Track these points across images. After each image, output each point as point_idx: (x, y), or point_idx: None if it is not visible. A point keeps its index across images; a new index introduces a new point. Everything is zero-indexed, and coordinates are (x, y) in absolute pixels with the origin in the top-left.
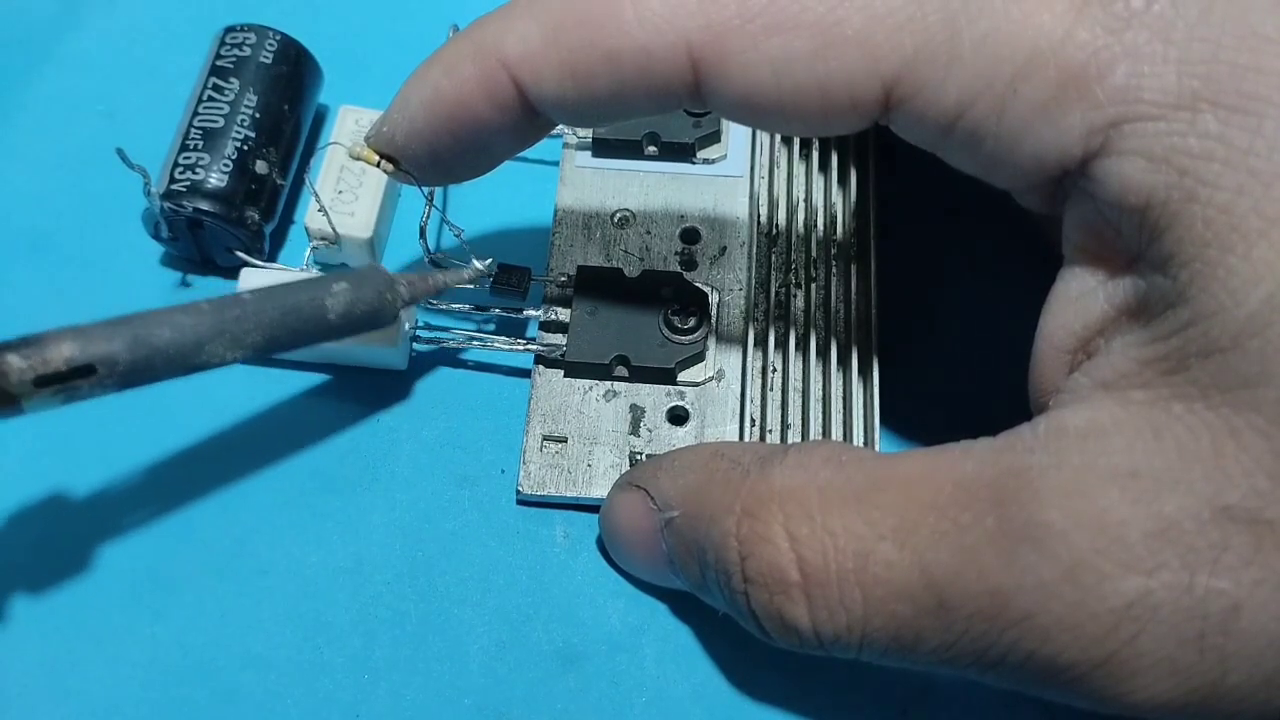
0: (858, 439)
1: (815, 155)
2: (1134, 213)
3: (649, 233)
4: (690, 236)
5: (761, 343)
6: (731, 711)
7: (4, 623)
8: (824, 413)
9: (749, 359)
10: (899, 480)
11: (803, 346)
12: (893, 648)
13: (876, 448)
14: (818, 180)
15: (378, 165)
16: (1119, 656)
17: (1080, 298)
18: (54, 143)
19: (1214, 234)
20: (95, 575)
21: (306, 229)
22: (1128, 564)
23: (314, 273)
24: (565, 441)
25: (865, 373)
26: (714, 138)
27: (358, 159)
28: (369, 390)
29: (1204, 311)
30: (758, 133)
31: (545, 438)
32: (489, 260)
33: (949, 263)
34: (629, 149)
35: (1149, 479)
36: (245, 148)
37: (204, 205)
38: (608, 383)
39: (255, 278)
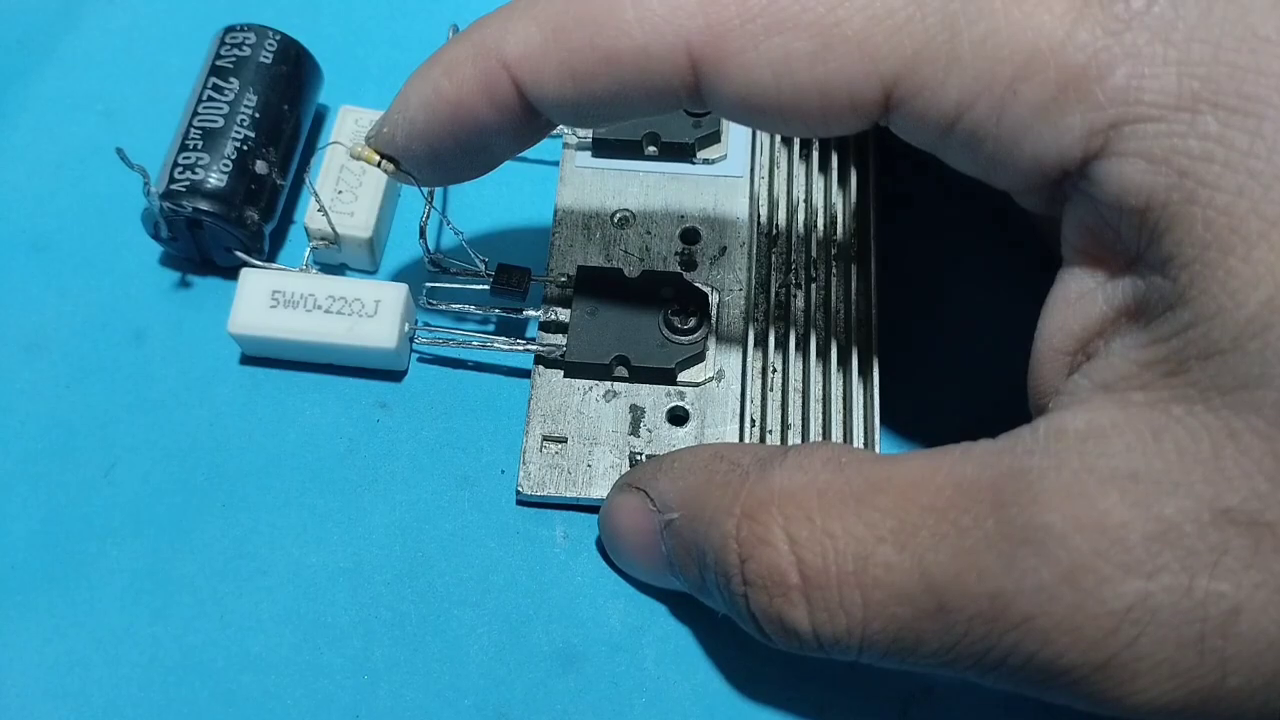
0: (858, 439)
1: (815, 155)
2: (1134, 214)
3: (649, 233)
4: (690, 237)
5: (761, 343)
6: (731, 712)
7: (4, 623)
8: (824, 413)
9: (749, 359)
10: (898, 482)
11: (803, 347)
12: (893, 650)
13: (877, 448)
14: (818, 180)
15: (378, 165)
16: (1119, 659)
17: (1079, 299)
18: (54, 143)
19: (1214, 235)
20: (95, 575)
21: (306, 229)
22: (1128, 567)
23: (314, 273)
24: (565, 442)
25: (865, 373)
26: (714, 138)
27: (358, 159)
28: (369, 390)
29: (1204, 313)
30: (758, 133)
31: (545, 438)
32: None
33: (949, 263)
34: (629, 149)
35: (1149, 482)
36: (245, 148)
37: (203, 205)
38: (608, 383)
39: (255, 278)
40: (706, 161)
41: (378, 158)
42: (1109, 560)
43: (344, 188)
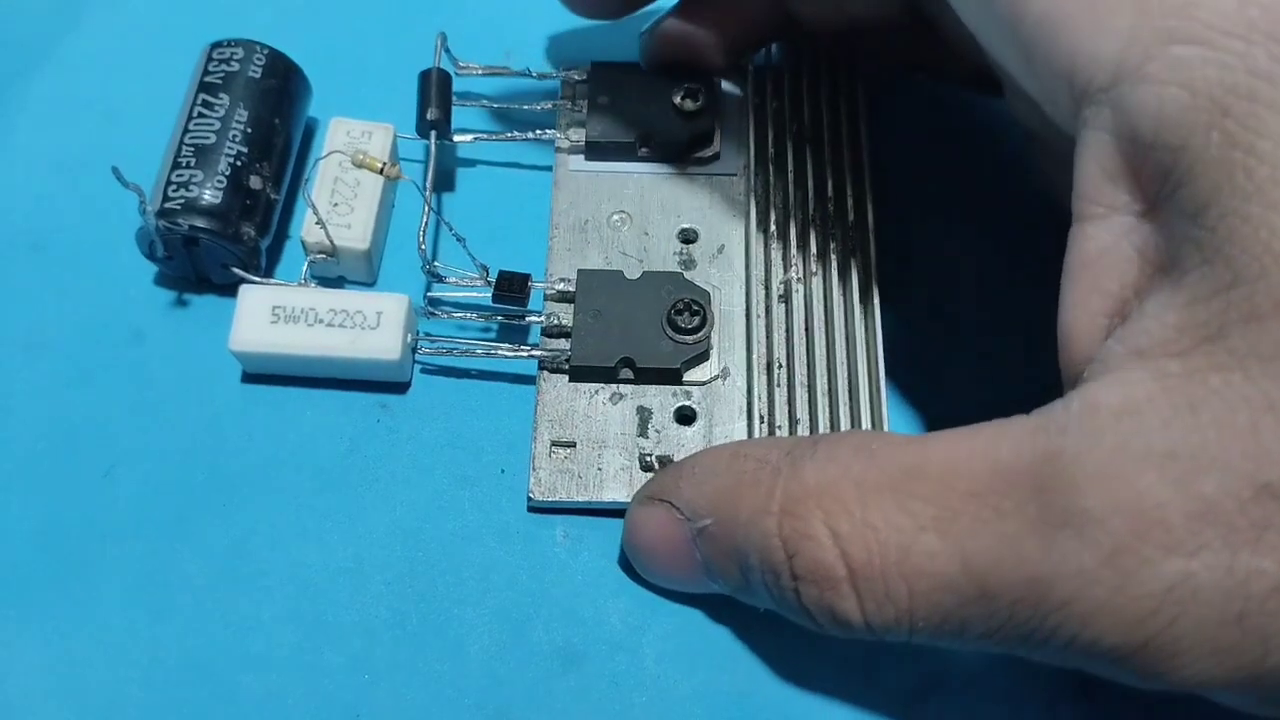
0: (866, 429)
1: (809, 150)
2: (1166, 151)
3: (646, 234)
4: (688, 236)
5: (766, 339)
6: (732, 711)
7: (4, 623)
8: (830, 405)
9: (754, 356)
10: (935, 468)
11: (807, 340)
12: (940, 633)
13: None
14: (813, 174)
15: (380, 172)
16: (1159, 639)
17: (1101, 256)
18: (54, 143)
19: (1256, 187)
20: (95, 575)
21: (303, 243)
22: (1168, 547)
23: (313, 287)
24: (574, 446)
25: (871, 364)
26: (706, 138)
27: (360, 166)
28: (369, 391)
29: (1246, 274)
30: (751, 130)
31: (554, 443)
32: None
33: (951, 249)
34: (621, 151)
35: (1186, 459)
36: (238, 163)
37: (199, 222)
38: (613, 385)
39: (254, 294)
40: (700, 161)
41: (379, 164)
42: (1149, 541)
43: (339, 200)
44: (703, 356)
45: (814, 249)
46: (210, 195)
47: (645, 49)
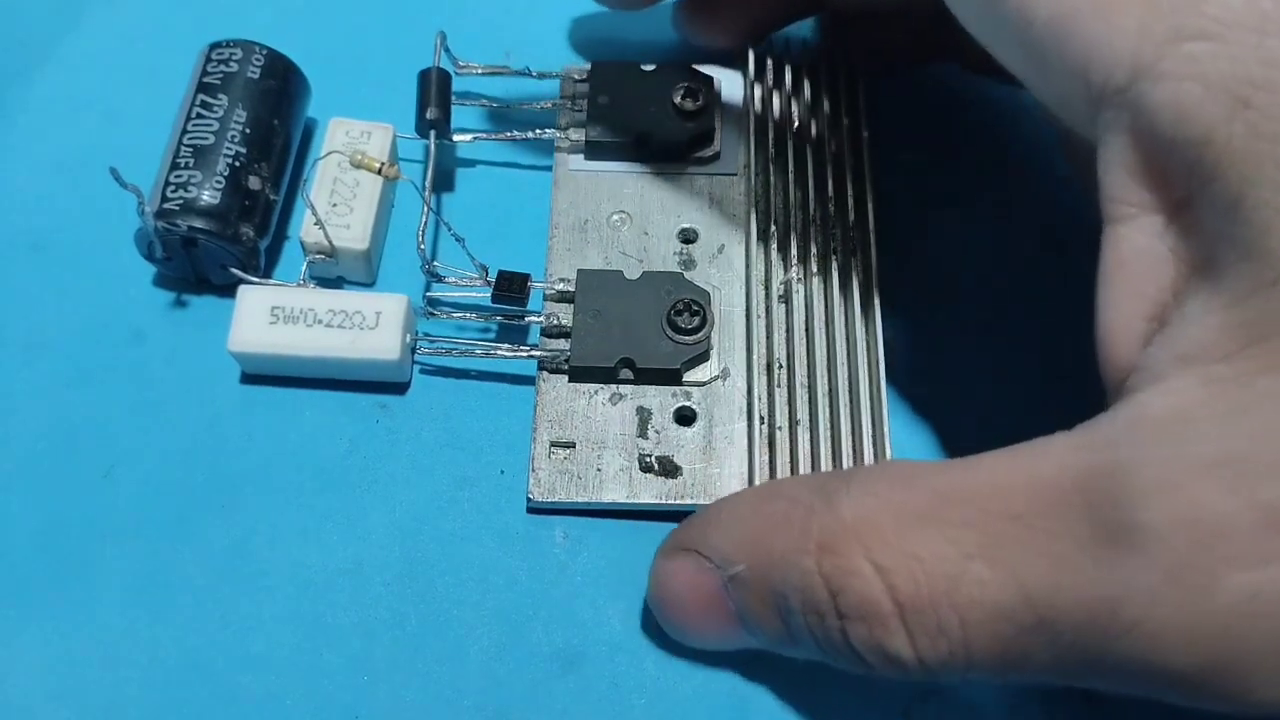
0: (867, 430)
1: (809, 149)
2: (1189, 147)
3: (646, 233)
4: (688, 236)
5: (766, 339)
6: (732, 713)
7: (4, 623)
8: (831, 406)
9: (754, 356)
10: (974, 491)
11: (807, 341)
12: (1000, 667)
13: (887, 439)
14: (814, 174)
15: (378, 172)
16: (1233, 657)
17: (1136, 258)
18: (54, 143)
19: None
20: (95, 575)
21: (302, 243)
22: (1233, 559)
23: (312, 287)
24: (573, 447)
25: (871, 364)
26: (706, 137)
27: (359, 166)
28: (369, 391)
29: None
30: (751, 130)
31: (553, 444)
32: None
33: (950, 251)
34: (621, 150)
35: (1242, 465)
36: (237, 164)
37: (198, 223)
38: (613, 386)
39: (253, 294)
40: (699, 160)
41: (378, 164)
42: (1214, 555)
43: (338, 200)
44: (703, 357)
45: (814, 249)
46: (209, 196)
47: (675, 18)
